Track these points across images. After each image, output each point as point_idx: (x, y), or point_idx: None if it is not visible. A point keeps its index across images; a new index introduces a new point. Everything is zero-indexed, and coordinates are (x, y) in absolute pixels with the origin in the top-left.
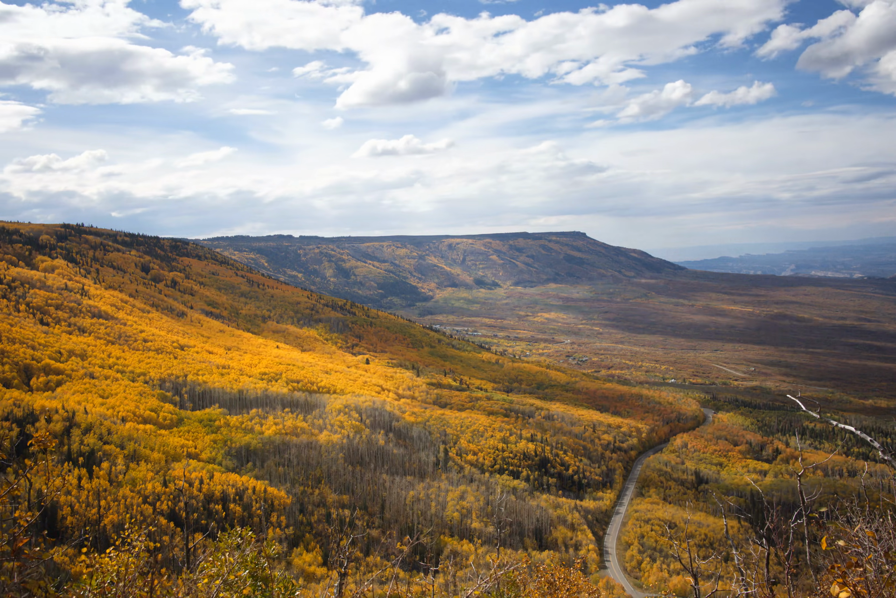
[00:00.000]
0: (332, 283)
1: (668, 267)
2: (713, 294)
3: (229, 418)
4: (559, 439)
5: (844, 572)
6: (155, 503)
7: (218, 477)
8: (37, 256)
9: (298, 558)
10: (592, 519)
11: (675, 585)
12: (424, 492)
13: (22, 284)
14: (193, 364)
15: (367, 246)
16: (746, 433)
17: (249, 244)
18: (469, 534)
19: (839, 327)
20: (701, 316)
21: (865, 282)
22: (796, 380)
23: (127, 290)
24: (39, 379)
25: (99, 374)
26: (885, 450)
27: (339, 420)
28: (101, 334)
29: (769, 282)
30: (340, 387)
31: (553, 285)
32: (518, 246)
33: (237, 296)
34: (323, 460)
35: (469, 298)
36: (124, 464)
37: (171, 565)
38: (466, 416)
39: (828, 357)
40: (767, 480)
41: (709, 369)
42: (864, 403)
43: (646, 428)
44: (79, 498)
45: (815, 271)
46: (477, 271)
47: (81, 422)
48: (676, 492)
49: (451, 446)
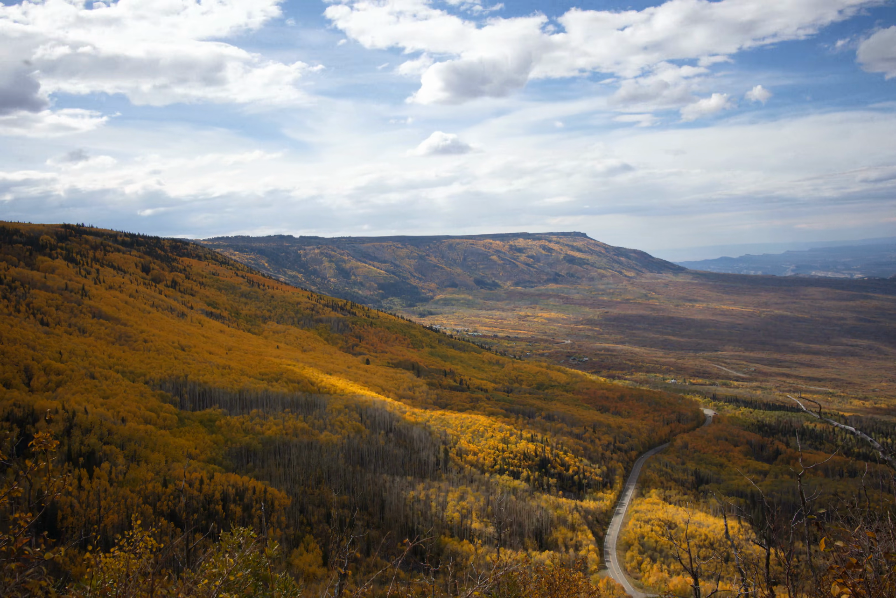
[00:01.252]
0: (333, 283)
1: (668, 267)
2: (713, 294)
3: (230, 419)
4: (559, 439)
5: (844, 572)
6: (155, 504)
7: (218, 477)
8: (37, 257)
9: (298, 558)
10: (593, 519)
11: (675, 585)
12: (424, 492)
13: (22, 284)
14: (194, 365)
15: (367, 246)
16: (746, 433)
17: (250, 244)
18: (469, 534)
19: (839, 327)
20: (701, 316)
21: (865, 282)
22: (796, 380)
23: (127, 290)
24: (40, 379)
25: (99, 374)
26: (886, 450)
27: (339, 420)
28: (102, 334)
29: (769, 282)
30: (341, 387)
31: (553, 286)
32: (518, 246)
33: (237, 296)
34: (323, 460)
35: (469, 298)
36: (124, 464)
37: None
38: (467, 416)
39: (828, 357)
40: (767, 480)
41: (709, 370)
42: (864, 403)
43: (646, 428)
44: (79, 498)
45: (816, 272)
46: (477, 272)
47: (82, 422)
48: (677, 492)
49: (452, 447)
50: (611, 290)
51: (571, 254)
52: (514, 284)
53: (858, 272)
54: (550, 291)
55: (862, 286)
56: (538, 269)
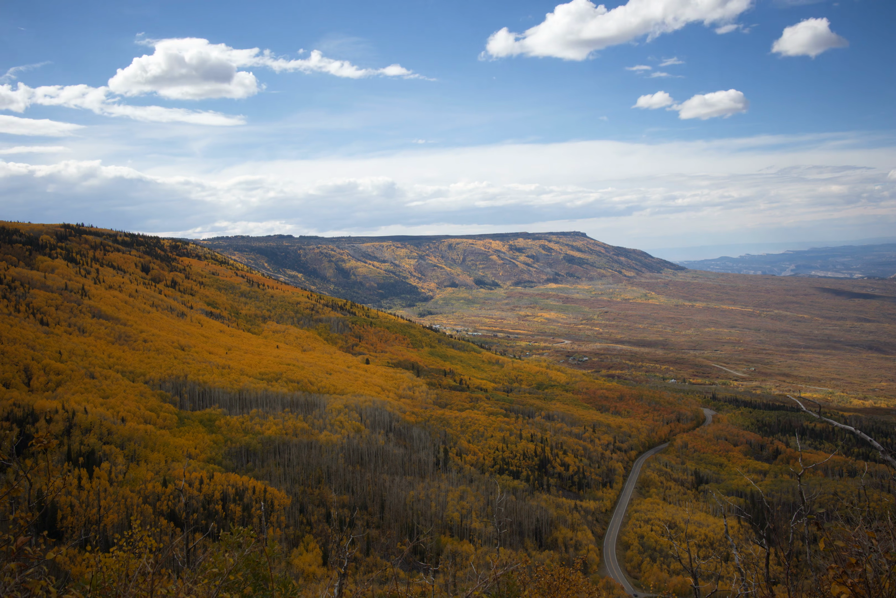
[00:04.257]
0: (332, 283)
1: (668, 267)
2: (713, 294)
3: (229, 419)
4: (559, 439)
5: (844, 572)
6: (155, 503)
7: (218, 477)
8: (37, 257)
9: (298, 558)
10: (592, 519)
11: (675, 585)
12: (424, 492)
13: (22, 284)
14: (194, 364)
15: (367, 246)
16: (746, 433)
17: (249, 244)
18: (469, 534)
19: (839, 326)
20: (701, 316)
21: (865, 282)
22: (796, 380)
23: (127, 290)
24: (39, 379)
25: (99, 374)
26: (885, 450)
27: (339, 420)
28: (102, 334)
29: (769, 282)
30: (340, 387)
31: (553, 285)
32: (518, 246)
33: (237, 296)
34: (323, 460)
35: (469, 298)
36: (124, 464)
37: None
38: (466, 416)
39: (828, 357)
40: (767, 480)
41: (709, 369)
42: (864, 403)
43: (646, 428)
44: (79, 498)
45: (815, 271)
46: (477, 271)
47: (81, 422)
48: (676, 492)
49: (452, 447)
50: (610, 290)
51: (571, 254)
52: (513, 284)
53: (858, 272)
54: (550, 291)
55: (862, 286)
56: (538, 269)
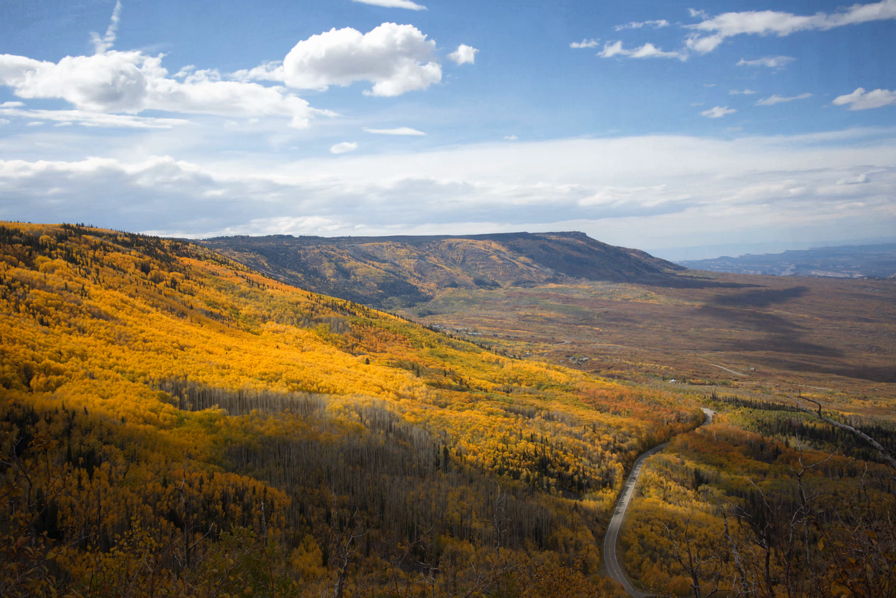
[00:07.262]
0: (332, 283)
1: (668, 267)
2: (713, 294)
3: (229, 419)
4: (559, 439)
5: (844, 572)
6: (155, 504)
7: (218, 477)
8: (37, 257)
9: (298, 558)
10: (592, 519)
11: (675, 585)
12: (424, 492)
13: (22, 284)
14: (193, 364)
15: (366, 246)
16: (746, 433)
17: (249, 244)
18: (469, 534)
19: (839, 327)
20: (701, 316)
21: (865, 282)
22: (796, 380)
23: (127, 290)
24: (39, 379)
25: (99, 374)
26: (885, 450)
27: (339, 420)
28: (101, 334)
29: (769, 282)
30: (340, 387)
31: (553, 285)
32: (518, 246)
33: (237, 296)
34: (323, 460)
35: (469, 298)
36: (124, 464)
37: (172, 565)
38: (466, 416)
39: (827, 357)
40: (767, 480)
41: (709, 369)
42: (864, 403)
43: (646, 428)
44: (79, 498)
45: (815, 271)
46: (477, 271)
47: (81, 422)
48: (676, 492)
49: (451, 446)
50: (610, 290)
51: (571, 254)
52: (513, 284)
53: (858, 272)
54: (550, 291)
55: (862, 286)
56: (538, 269)
